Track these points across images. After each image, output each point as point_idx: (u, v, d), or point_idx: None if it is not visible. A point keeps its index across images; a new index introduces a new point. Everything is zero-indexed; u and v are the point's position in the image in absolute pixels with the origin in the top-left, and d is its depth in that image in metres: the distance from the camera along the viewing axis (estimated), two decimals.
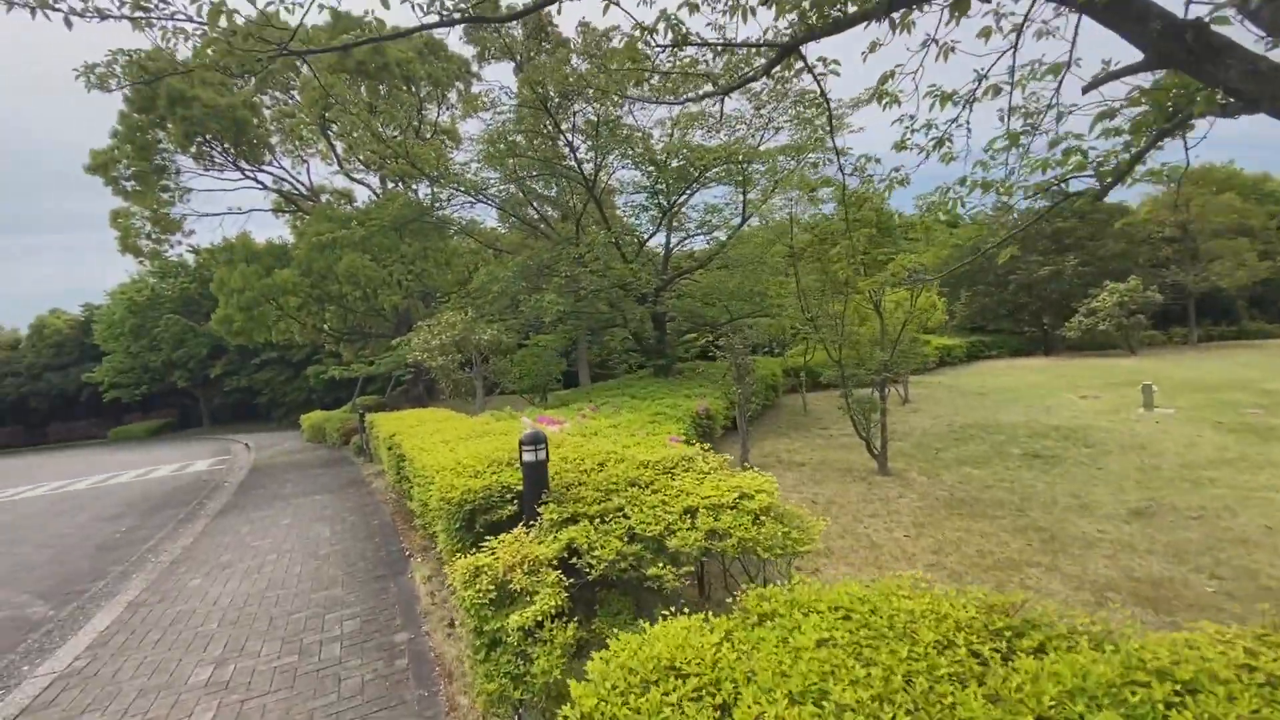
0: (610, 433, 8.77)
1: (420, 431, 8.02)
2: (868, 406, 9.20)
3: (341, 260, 19.78)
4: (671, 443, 7.90)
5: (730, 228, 17.21)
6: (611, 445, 6.59)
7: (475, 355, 12.41)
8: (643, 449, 7.26)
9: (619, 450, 5.19)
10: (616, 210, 18.22)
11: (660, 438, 8.19)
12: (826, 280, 9.39)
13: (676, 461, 4.53)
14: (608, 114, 13.51)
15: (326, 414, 26.20)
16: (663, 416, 10.14)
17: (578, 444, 5.84)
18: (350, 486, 12.68)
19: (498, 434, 6.72)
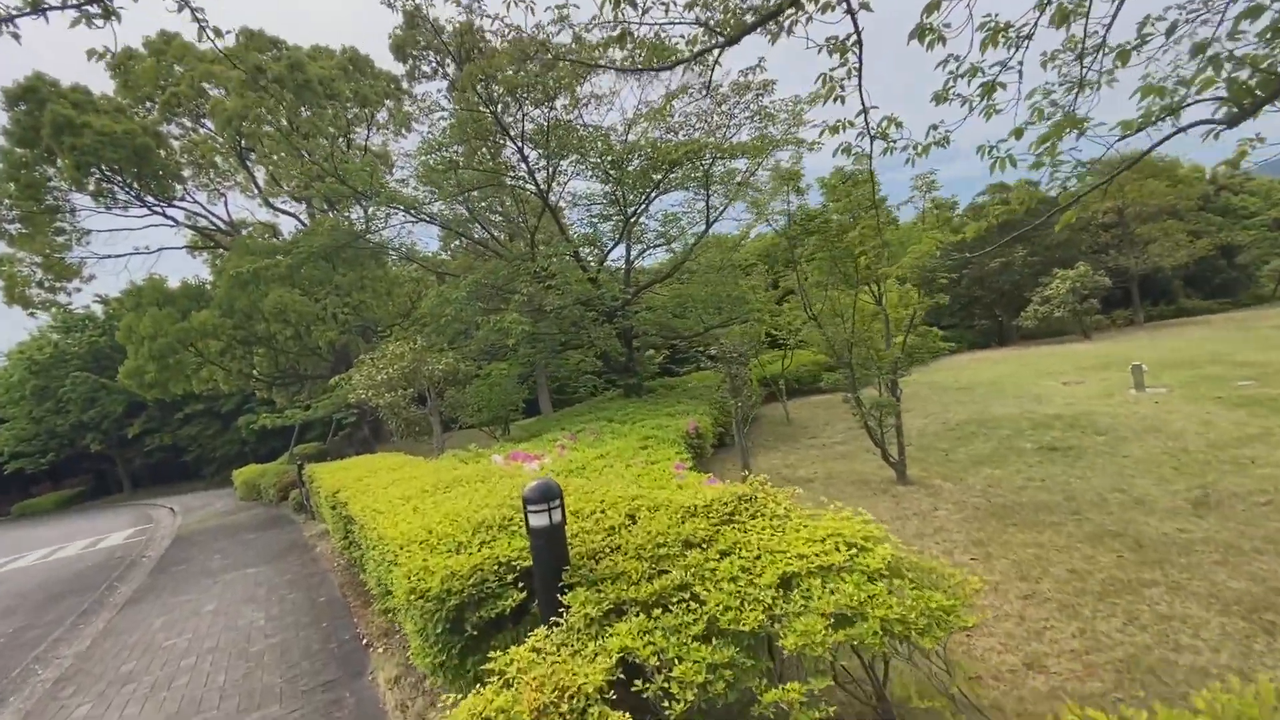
0: (599, 465, 7.52)
1: (372, 486, 6.56)
2: (884, 408, 8.26)
3: (268, 296, 17.86)
4: (678, 471, 6.73)
5: (691, 235, 16.31)
6: (618, 483, 5.35)
7: (429, 388, 10.94)
8: (650, 481, 6.06)
9: (639, 491, 3.97)
10: (570, 225, 17.05)
11: (663, 465, 7.00)
12: (835, 272, 8.47)
13: (732, 504, 3.35)
14: (560, 117, 12.40)
15: (261, 468, 23.79)
16: (654, 440, 8.94)
17: (577, 486, 4.58)
18: (290, 552, 10.89)
19: (472, 482, 5.37)
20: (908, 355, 8.31)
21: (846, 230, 7.73)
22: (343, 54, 21.74)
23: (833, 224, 8.16)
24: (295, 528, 13.76)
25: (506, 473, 6.11)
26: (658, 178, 13.12)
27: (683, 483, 5.92)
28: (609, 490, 4.19)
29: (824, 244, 8.23)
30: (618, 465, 7.39)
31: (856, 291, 8.48)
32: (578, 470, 7.38)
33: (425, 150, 13.13)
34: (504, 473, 6.06)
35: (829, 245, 8.11)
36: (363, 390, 10.73)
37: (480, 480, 5.38)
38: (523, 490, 2.89)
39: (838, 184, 7.94)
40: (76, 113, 17.28)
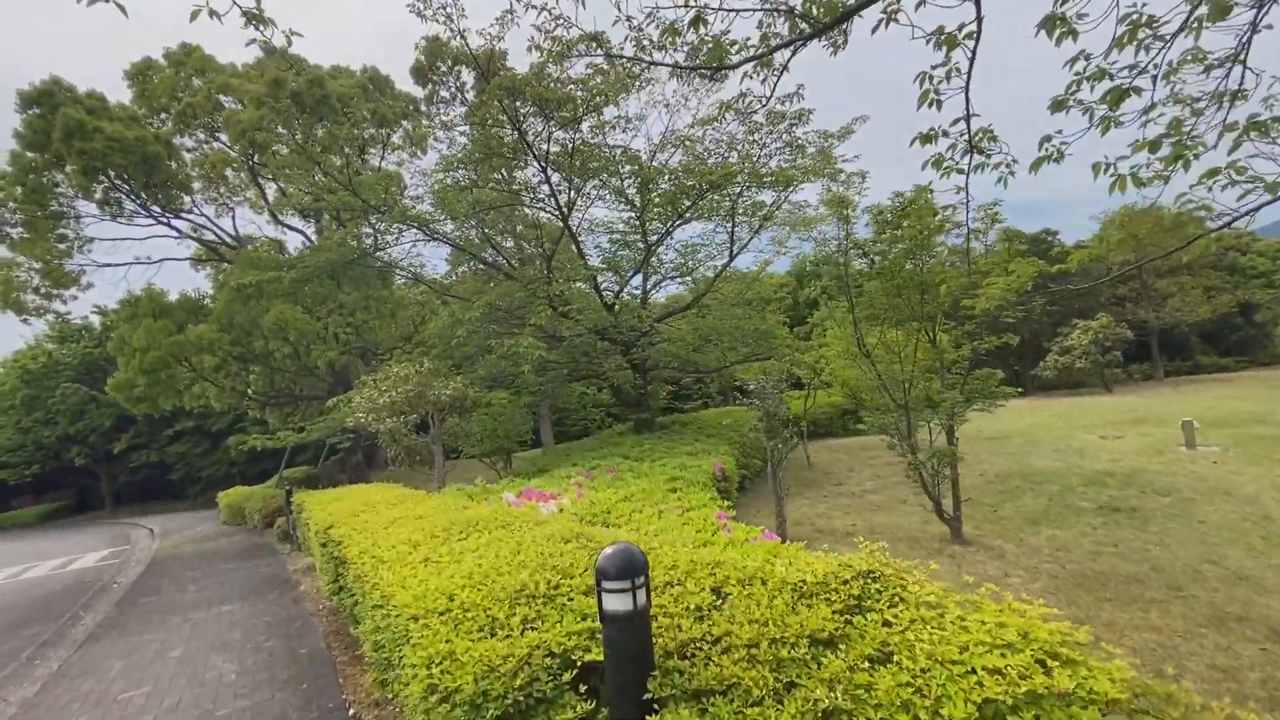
0: (625, 510, 6.67)
1: (371, 524, 5.72)
2: (942, 457, 7.46)
3: (269, 312, 17.19)
4: (721, 520, 5.91)
5: (710, 268, 15.72)
6: (663, 535, 4.54)
7: (433, 415, 10.15)
8: (695, 534, 5.24)
9: (718, 557, 3.17)
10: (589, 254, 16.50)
11: (701, 514, 6.17)
12: (894, 305, 7.78)
13: (855, 582, 2.55)
14: (586, 139, 11.91)
15: (248, 490, 22.78)
16: (682, 482, 8.12)
17: (618, 540, 3.78)
18: (270, 589, 9.93)
19: (491, 527, 4.56)
20: (967, 398, 7.57)
21: (900, 262, 7.09)
22: (363, 73, 21.58)
23: (895, 252, 7.50)
24: (278, 560, 12.78)
25: (526, 516, 5.29)
26: (685, 205, 12.58)
27: (731, 537, 5.11)
28: (670, 550, 3.39)
29: (886, 272, 7.58)
30: (647, 510, 6.55)
31: (921, 325, 7.77)
32: (601, 515, 6.55)
33: (443, 167, 12.61)
34: (523, 516, 5.24)
35: (890, 274, 7.46)
36: (363, 414, 9.94)
37: (501, 525, 4.56)
38: (597, 559, 2.11)
39: (896, 211, 7.32)
40: (90, 118, 16.89)
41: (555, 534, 3.84)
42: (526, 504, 7.18)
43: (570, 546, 3.50)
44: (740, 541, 4.88)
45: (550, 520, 4.80)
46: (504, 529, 4.43)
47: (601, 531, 4.04)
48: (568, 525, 4.10)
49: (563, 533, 3.86)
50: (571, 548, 3.47)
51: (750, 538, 4.99)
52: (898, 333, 8.14)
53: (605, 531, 4.13)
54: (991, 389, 7.95)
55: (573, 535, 3.78)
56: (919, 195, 6.89)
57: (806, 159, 13.03)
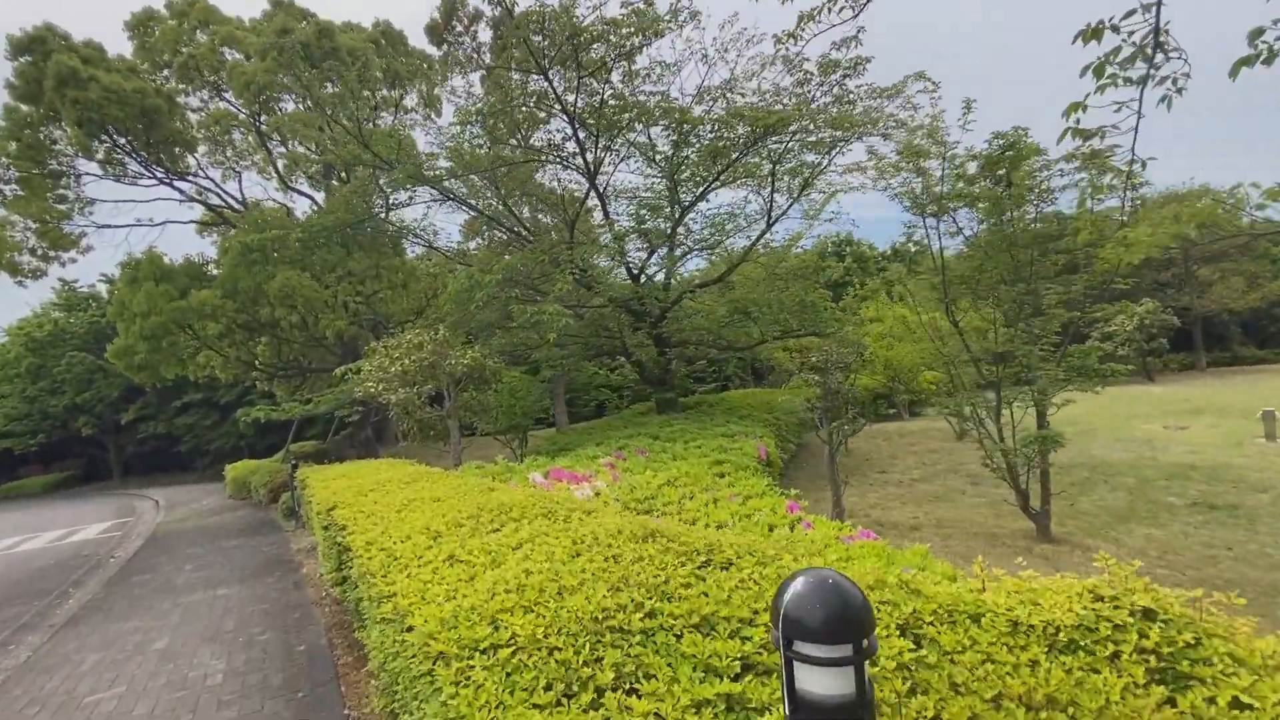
0: (672, 496, 5.78)
1: (380, 506, 4.85)
2: (1049, 442, 6.49)
3: (275, 278, 16.32)
4: (794, 513, 5.00)
5: (742, 238, 14.63)
6: (724, 526, 3.65)
7: (449, 386, 9.26)
8: (754, 524, 4.35)
9: (886, 576, 2.24)
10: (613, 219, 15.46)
11: (761, 503, 5.25)
12: (1004, 264, 6.74)
13: (1150, 628, 1.62)
14: (617, 89, 10.84)
15: (254, 464, 22.16)
16: (728, 465, 7.22)
17: (699, 538, 2.88)
18: (271, 570, 9.16)
19: (533, 515, 3.66)
20: (1073, 375, 6.56)
21: (1013, 214, 6.07)
22: (375, 28, 20.45)
23: (1008, 200, 6.44)
24: (282, 537, 12.04)
25: (566, 501, 4.39)
26: (728, 160, 11.49)
27: (816, 535, 4.20)
28: (753, 556, 2.48)
29: (992, 233, 6.53)
30: (698, 496, 5.65)
31: (1030, 287, 6.72)
32: (644, 501, 5.66)
33: (460, 120, 11.58)
34: (563, 501, 4.34)
35: (998, 233, 6.40)
36: (373, 383, 9.07)
37: (544, 514, 3.66)
38: (782, 602, 1.18)
39: (1001, 154, 6.27)
40: (85, 67, 15.92)
41: (623, 530, 2.93)
42: (557, 486, 6.31)
43: (652, 550, 2.59)
44: (832, 540, 3.97)
45: (600, 509, 3.89)
46: (547, 518, 3.53)
47: (689, 530, 3.12)
48: (636, 520, 3.18)
49: (631, 528, 2.95)
50: (654, 551, 2.56)
51: (843, 536, 4.08)
52: (988, 302, 7.13)
53: (692, 530, 3.20)
54: (1093, 366, 6.94)
55: (647, 533, 2.86)
56: (1019, 138, 5.85)
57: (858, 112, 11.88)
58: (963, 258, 7.31)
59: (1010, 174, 6.25)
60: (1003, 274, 6.83)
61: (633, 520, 3.25)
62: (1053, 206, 6.39)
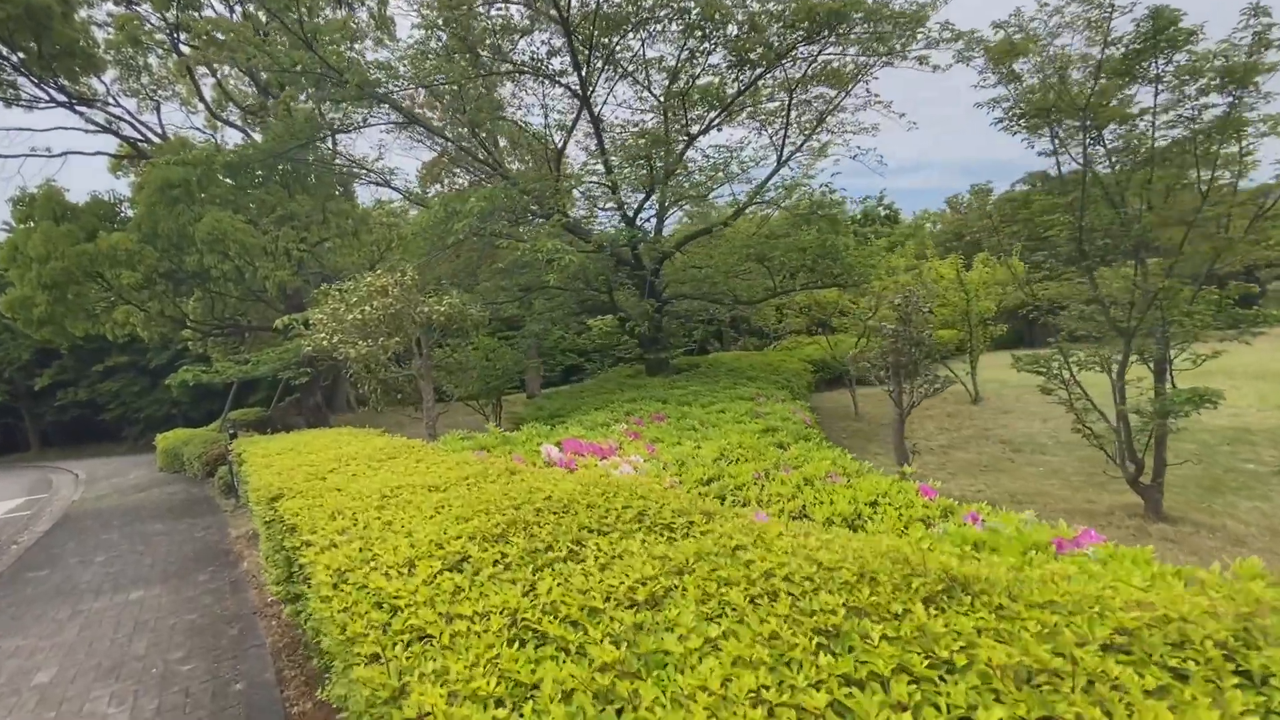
0: (737, 474, 4.41)
1: (349, 499, 3.30)
2: (1191, 401, 5.36)
3: (202, 220, 14.03)
4: (930, 499, 3.72)
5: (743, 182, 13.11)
6: (852, 521, 2.32)
7: (421, 339, 7.60)
8: (880, 514, 3.03)
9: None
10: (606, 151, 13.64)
11: (867, 482, 3.93)
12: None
13: None
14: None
15: (188, 433, 19.93)
16: (784, 433, 5.90)
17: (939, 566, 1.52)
18: (202, 564, 7.47)
19: (624, 523, 2.21)
20: (1228, 323, 5.43)
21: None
22: None
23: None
24: (218, 520, 10.27)
25: (627, 488, 2.94)
26: (734, 90, 9.91)
27: (1011, 535, 2.91)
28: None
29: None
30: (780, 475, 4.30)
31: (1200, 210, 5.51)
32: (712, 483, 4.30)
33: (425, 23, 9.60)
34: (629, 488, 2.90)
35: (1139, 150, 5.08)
36: (325, 335, 7.33)
37: (635, 520, 2.22)
38: None
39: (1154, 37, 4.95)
40: None
41: (821, 562, 1.52)
42: (580, 462, 4.86)
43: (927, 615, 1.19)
44: (1036, 545, 2.69)
45: (719, 513, 2.46)
46: (647, 530, 2.09)
47: (875, 542, 1.71)
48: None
49: (830, 557, 1.54)
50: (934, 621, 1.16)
51: (1062, 541, 2.78)
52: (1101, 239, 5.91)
53: (875, 541, 1.79)
54: (1236, 314, 5.84)
55: (901, 558, 1.46)
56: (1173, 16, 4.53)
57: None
58: (1070, 181, 6.07)
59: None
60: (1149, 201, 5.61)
61: (817, 542, 1.85)
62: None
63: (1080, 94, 5.59)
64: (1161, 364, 5.90)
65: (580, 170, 11.08)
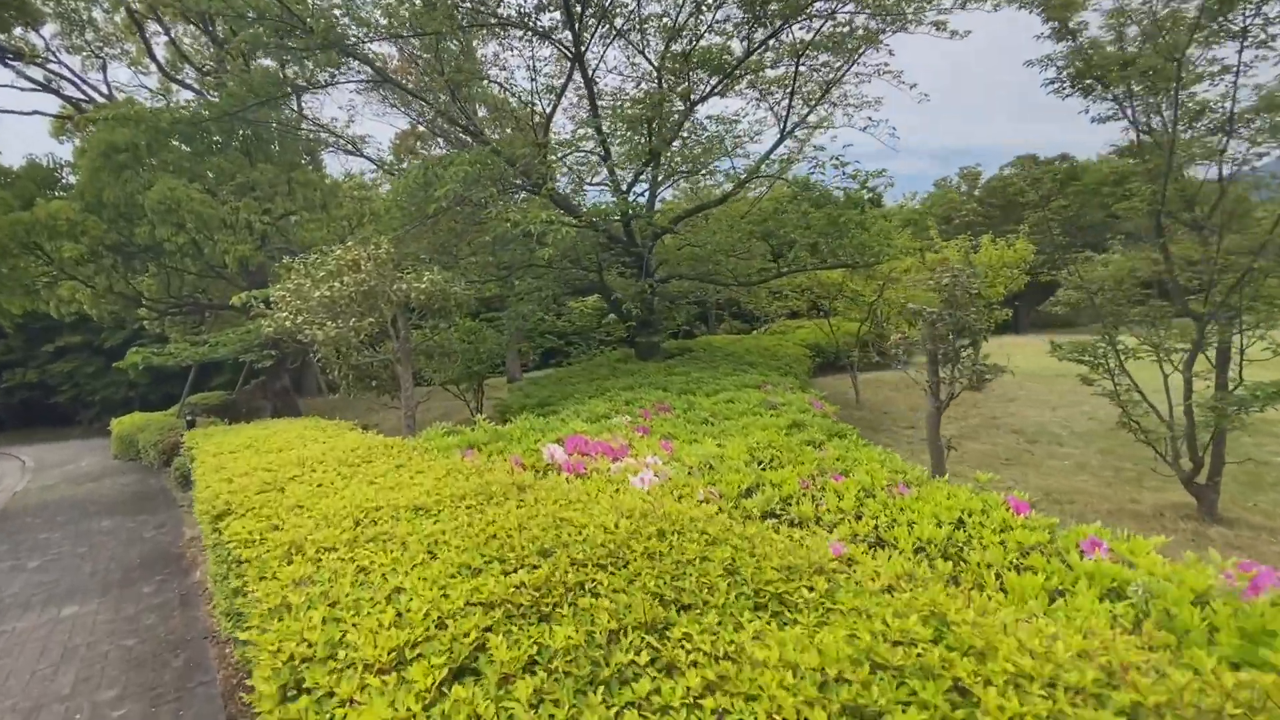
0: (780, 481, 3.76)
1: (313, 527, 2.54)
2: (1240, 398, 4.82)
3: (154, 188, 12.87)
4: (1021, 513, 3.13)
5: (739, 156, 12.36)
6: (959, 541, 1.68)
7: (398, 319, 6.78)
8: (992, 541, 2.42)
9: None
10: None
11: (952, 495, 3.30)
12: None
13: None
14: None
15: (144, 418, 18.75)
16: (814, 428, 5.27)
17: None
18: (150, 572, 6.64)
19: (714, 599, 1.52)
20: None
21: None
22: None
23: None
24: (173, 516, 9.38)
25: (678, 519, 2.27)
26: (739, 54, 9.14)
27: (1158, 567, 2.31)
28: None
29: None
30: (837, 485, 3.68)
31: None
32: (758, 497, 3.65)
33: None
34: (677, 521, 2.22)
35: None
36: (288, 314, 6.47)
37: (757, 585, 1.53)
38: None
39: None
40: None
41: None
42: (591, 465, 4.17)
43: None
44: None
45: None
46: (807, 613, 1.41)
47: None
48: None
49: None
50: None
51: (1232, 574, 2.18)
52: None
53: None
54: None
55: None
56: None
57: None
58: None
59: None
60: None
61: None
62: None
63: (1160, 48, 5.00)
64: (1226, 352, 5.42)
65: (572, 136, 10.20)
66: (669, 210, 11.98)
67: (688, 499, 3.38)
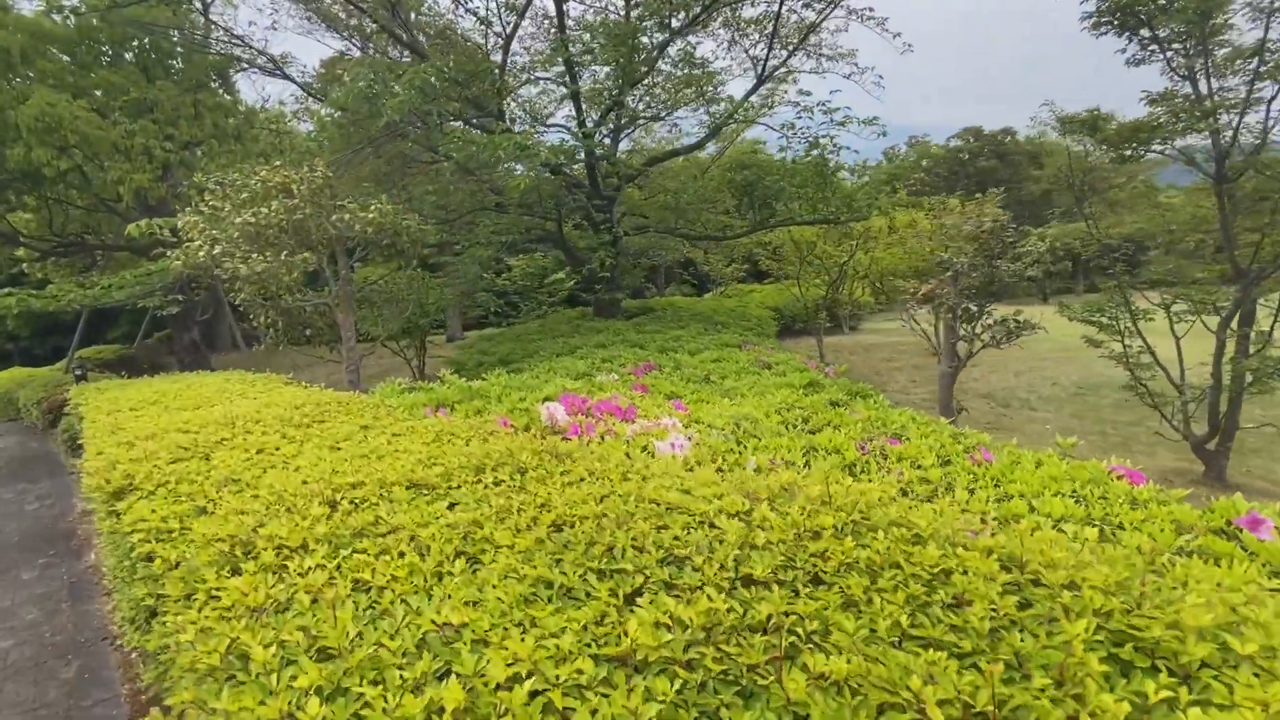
0: (828, 445, 3.21)
1: (260, 502, 1.73)
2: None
3: (30, 102, 10.86)
4: (1138, 483, 2.68)
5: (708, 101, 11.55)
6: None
7: (340, 258, 5.73)
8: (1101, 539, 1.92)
9: None
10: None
11: (1041, 465, 2.82)
12: None
13: None
14: None
15: (26, 373, 16.41)
16: (834, 389, 4.76)
17: None
18: (34, 552, 5.49)
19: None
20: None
21: None
22: None
23: None
24: (60, 484, 8.05)
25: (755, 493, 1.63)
26: None
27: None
28: None
29: None
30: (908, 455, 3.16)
31: None
32: (809, 460, 3.08)
33: None
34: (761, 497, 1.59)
35: None
36: (203, 245, 5.28)
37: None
38: None
39: None
40: None
41: None
42: (601, 426, 3.47)
43: None
44: None
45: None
46: None
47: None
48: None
49: None
50: None
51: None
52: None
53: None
54: None
55: None
56: None
57: None
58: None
59: None
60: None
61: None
62: None
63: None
64: (1251, 315, 5.26)
65: (532, 61, 9.10)
66: (635, 156, 11.11)
67: (736, 468, 2.76)
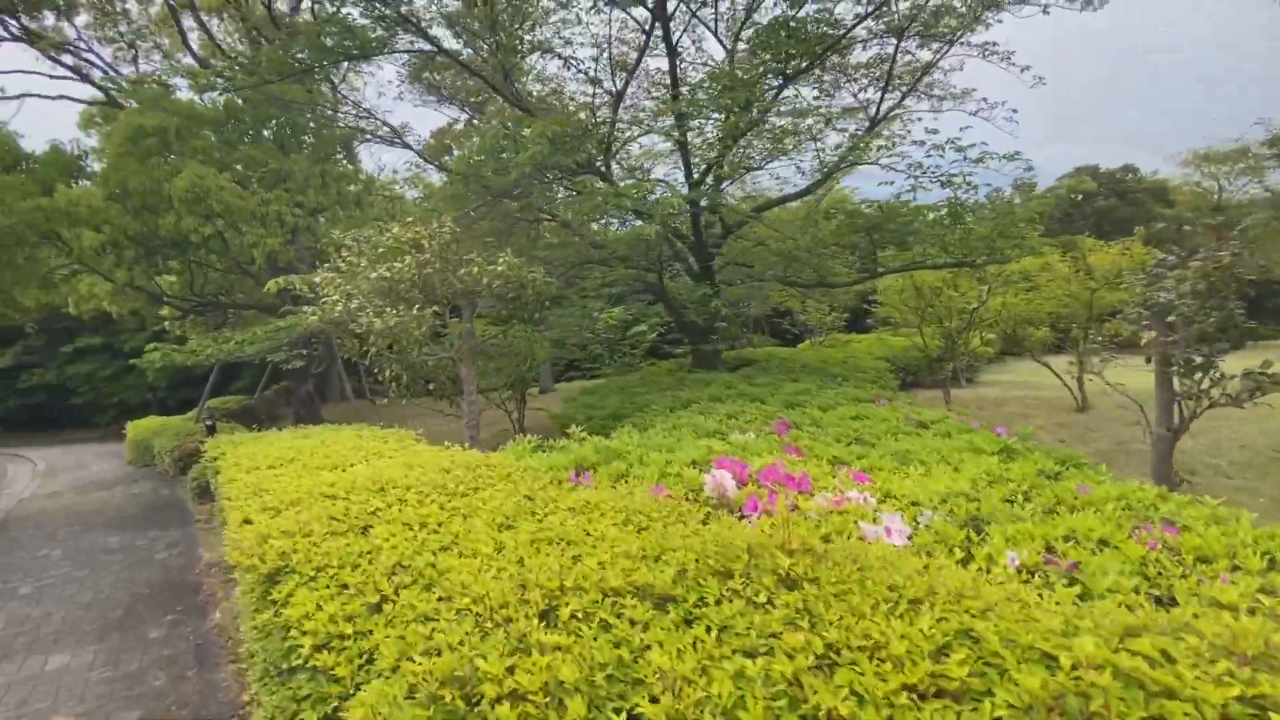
0: (1101, 534, 2.52)
1: (449, 608, 1.30)
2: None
3: (181, 175, 11.96)
4: None
5: (807, 153, 11.18)
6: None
7: (465, 311, 5.65)
8: None
9: None
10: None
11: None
12: None
13: None
14: None
15: (161, 422, 17.75)
16: (1036, 457, 4.03)
17: None
18: (160, 608, 5.46)
19: None
20: None
21: None
22: None
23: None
24: (187, 534, 8.26)
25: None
26: (845, 24, 8.05)
27: None
28: None
29: None
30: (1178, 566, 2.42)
31: None
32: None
33: None
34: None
35: None
36: (339, 300, 5.33)
37: None
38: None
39: None
40: None
41: None
42: (781, 503, 2.94)
43: None
44: None
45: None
46: None
47: None
48: None
49: None
50: None
51: None
52: None
53: None
54: None
55: None
56: None
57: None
58: None
59: None
60: None
61: None
62: None
63: None
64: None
65: (639, 114, 9.13)
66: (741, 204, 10.85)
67: (991, 571, 2.16)
